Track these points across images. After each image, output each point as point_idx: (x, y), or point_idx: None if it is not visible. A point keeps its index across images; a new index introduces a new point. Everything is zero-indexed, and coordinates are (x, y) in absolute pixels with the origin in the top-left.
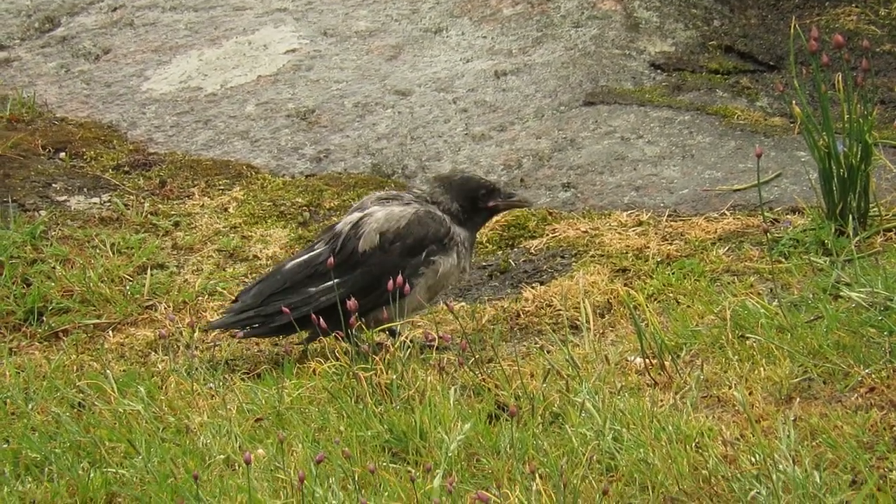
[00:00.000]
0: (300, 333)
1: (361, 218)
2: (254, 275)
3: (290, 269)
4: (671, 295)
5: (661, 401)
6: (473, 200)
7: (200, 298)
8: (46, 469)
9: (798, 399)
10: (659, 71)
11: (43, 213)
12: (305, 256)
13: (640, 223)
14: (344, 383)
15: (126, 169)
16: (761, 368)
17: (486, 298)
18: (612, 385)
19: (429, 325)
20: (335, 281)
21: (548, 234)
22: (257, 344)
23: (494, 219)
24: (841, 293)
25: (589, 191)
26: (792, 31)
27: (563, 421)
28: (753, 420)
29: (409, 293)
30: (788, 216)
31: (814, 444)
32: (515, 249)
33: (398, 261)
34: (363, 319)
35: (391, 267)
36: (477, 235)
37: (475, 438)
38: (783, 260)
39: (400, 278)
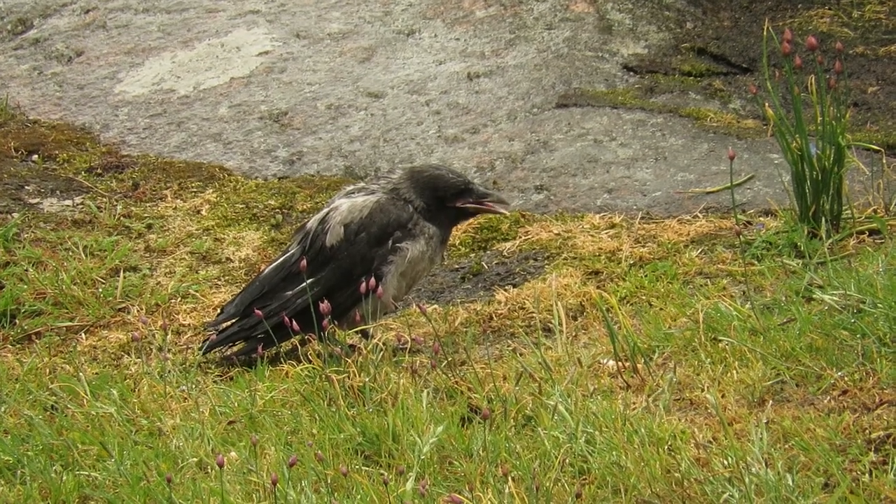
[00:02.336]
0: (291, 339)
1: (328, 213)
2: (226, 277)
3: (266, 275)
4: (644, 297)
5: (634, 403)
6: (440, 200)
7: (173, 301)
8: (19, 472)
9: (771, 402)
10: (632, 73)
11: (15, 215)
12: (280, 260)
13: (613, 225)
14: (316, 386)
15: (99, 171)
16: (734, 371)
17: (459, 301)
18: (585, 388)
19: (401, 328)
20: (308, 281)
21: (520, 237)
22: (231, 346)
23: (468, 221)
24: (814, 296)
25: (562, 193)
26: (765, 33)
27: (536, 424)
28: (726, 423)
29: (382, 284)
30: (761, 218)
31: (786, 446)
32: (488, 252)
33: (366, 251)
34: (336, 322)
35: (360, 258)
36: (451, 236)
37: (448, 441)
38: (756, 262)
39: (373, 281)
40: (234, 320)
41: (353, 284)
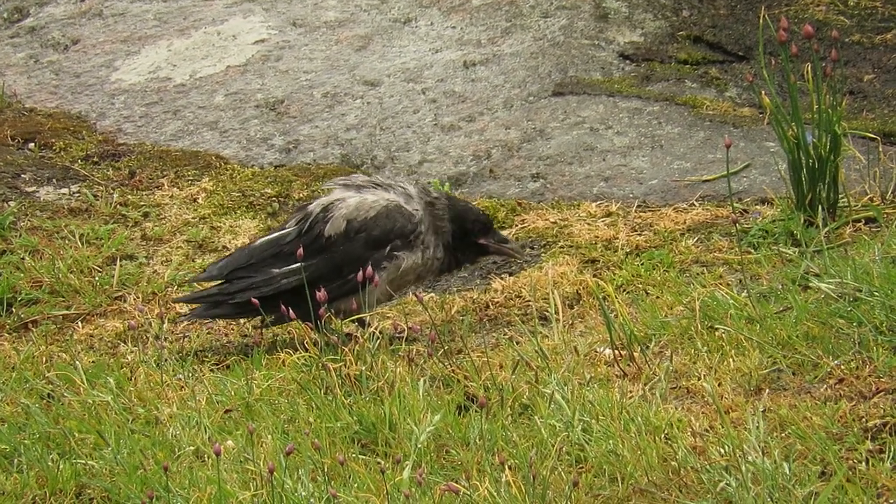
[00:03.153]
0: (265, 317)
1: (333, 202)
2: None
3: (257, 247)
4: (640, 286)
5: (631, 392)
6: (466, 231)
7: (170, 289)
8: (16, 460)
9: (767, 390)
10: (628, 61)
11: (12, 203)
12: (274, 235)
13: (610, 214)
14: (313, 374)
15: (95, 160)
16: (730, 359)
17: (456, 290)
18: (582, 376)
19: (398, 317)
20: (299, 264)
21: (517, 225)
22: (227, 335)
23: (479, 258)
24: (810, 284)
25: (558, 181)
26: (761, 21)
27: (533, 412)
28: (723, 411)
29: (371, 284)
30: (757, 207)
31: (783, 435)
32: None
33: (361, 252)
34: (331, 312)
35: (354, 258)
36: (462, 267)
37: (444, 430)
38: (752, 251)
39: (370, 270)
40: (215, 283)
41: (339, 279)
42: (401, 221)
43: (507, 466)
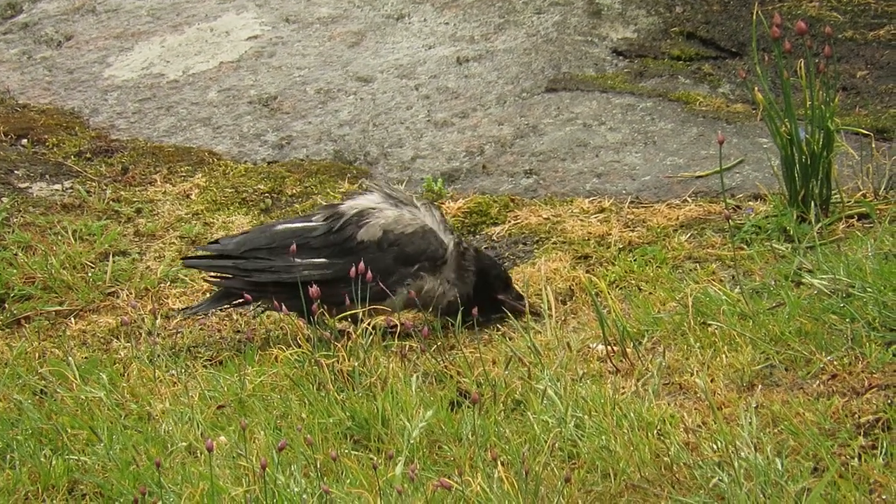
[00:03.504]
0: (264, 302)
1: (369, 209)
2: None
3: (280, 231)
4: (633, 282)
5: (623, 388)
6: (487, 285)
7: (162, 285)
8: (8, 456)
9: (760, 386)
10: (621, 57)
11: (5, 199)
12: (299, 224)
13: (602, 210)
14: (306, 370)
15: (88, 156)
16: (723, 355)
17: None
18: (574, 372)
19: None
20: (322, 260)
21: (510, 221)
22: (219, 331)
23: (493, 317)
24: (803, 280)
25: (551, 177)
26: (754, 17)
27: (525, 408)
28: (715, 407)
29: (391, 300)
30: (750, 203)
31: (775, 431)
32: (477, 236)
33: (391, 265)
34: (325, 307)
35: (381, 267)
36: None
37: (437, 425)
38: (745, 247)
39: (361, 265)
40: (229, 258)
41: (360, 284)
42: (434, 245)
43: (499, 462)
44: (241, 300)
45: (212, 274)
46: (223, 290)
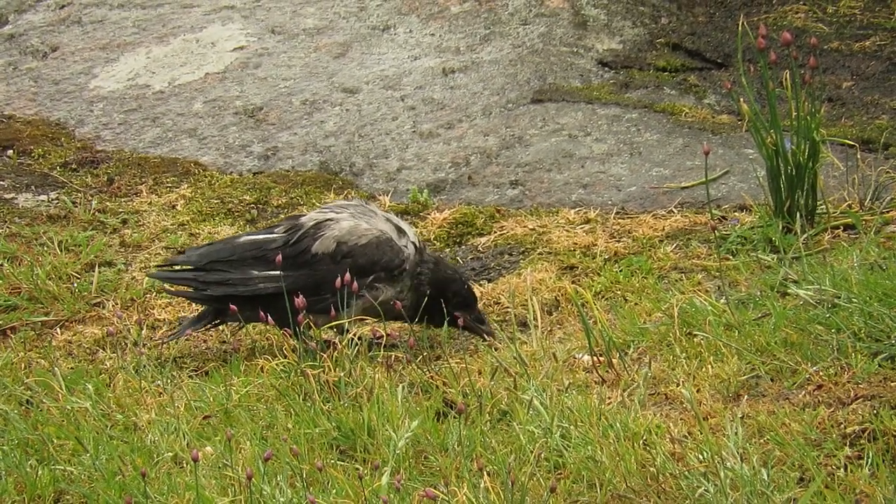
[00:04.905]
0: (235, 316)
1: (326, 220)
2: None
3: (240, 244)
4: (619, 292)
5: (609, 398)
6: (444, 300)
7: (148, 296)
8: None
9: (746, 396)
10: (607, 69)
11: None
12: (260, 237)
13: (588, 220)
14: (292, 381)
15: (74, 167)
16: (709, 366)
17: None
18: (560, 382)
19: (377, 323)
20: (279, 273)
21: (496, 232)
22: (205, 342)
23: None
24: (788, 290)
25: (537, 188)
26: (740, 28)
27: (511, 418)
28: (701, 417)
29: (346, 313)
30: (736, 214)
31: (761, 441)
32: (463, 247)
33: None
34: (311, 318)
35: (334, 280)
36: (423, 325)
37: (423, 436)
38: (731, 257)
39: (355, 285)
40: (190, 268)
41: (315, 297)
42: (388, 255)
43: (485, 472)
44: (218, 321)
45: (172, 287)
46: (204, 309)
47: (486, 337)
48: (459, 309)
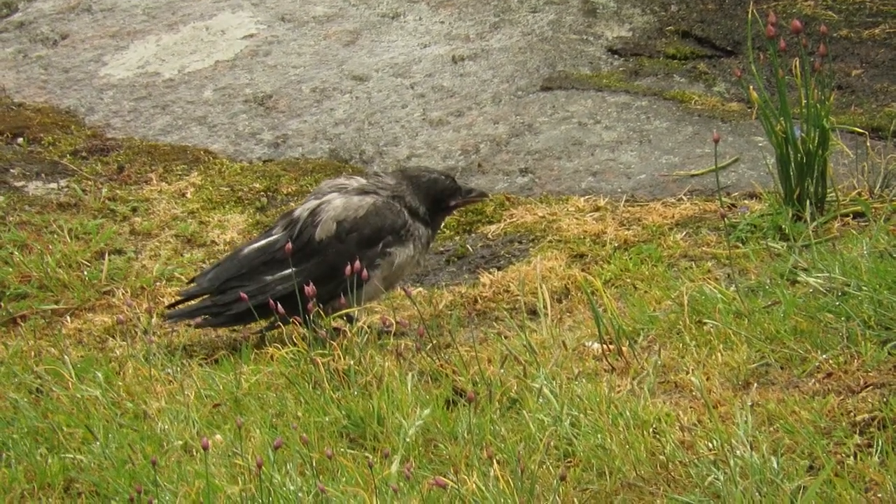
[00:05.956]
0: (258, 322)
1: (319, 205)
2: (211, 260)
3: (247, 255)
4: (628, 280)
5: (619, 386)
6: (439, 202)
7: (158, 284)
8: (4, 455)
9: (755, 384)
10: (616, 56)
11: (0, 198)
12: (262, 242)
13: (598, 208)
14: (301, 369)
15: (84, 154)
16: (718, 354)
17: (444, 284)
18: (570, 371)
19: (386, 311)
20: (292, 270)
21: (505, 220)
22: (215, 330)
23: (451, 215)
24: (798, 278)
25: (546, 176)
26: (749, 16)
27: (521, 406)
28: (711, 405)
29: (366, 282)
30: (746, 201)
31: (771, 429)
32: (473, 235)
33: (354, 251)
34: (321, 307)
35: (347, 257)
36: (437, 232)
37: (433, 424)
38: (740, 245)
39: (358, 264)
40: (206, 295)
41: (335, 281)
42: (391, 218)
43: (495, 461)
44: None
45: (197, 320)
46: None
47: (482, 199)
48: (453, 199)
